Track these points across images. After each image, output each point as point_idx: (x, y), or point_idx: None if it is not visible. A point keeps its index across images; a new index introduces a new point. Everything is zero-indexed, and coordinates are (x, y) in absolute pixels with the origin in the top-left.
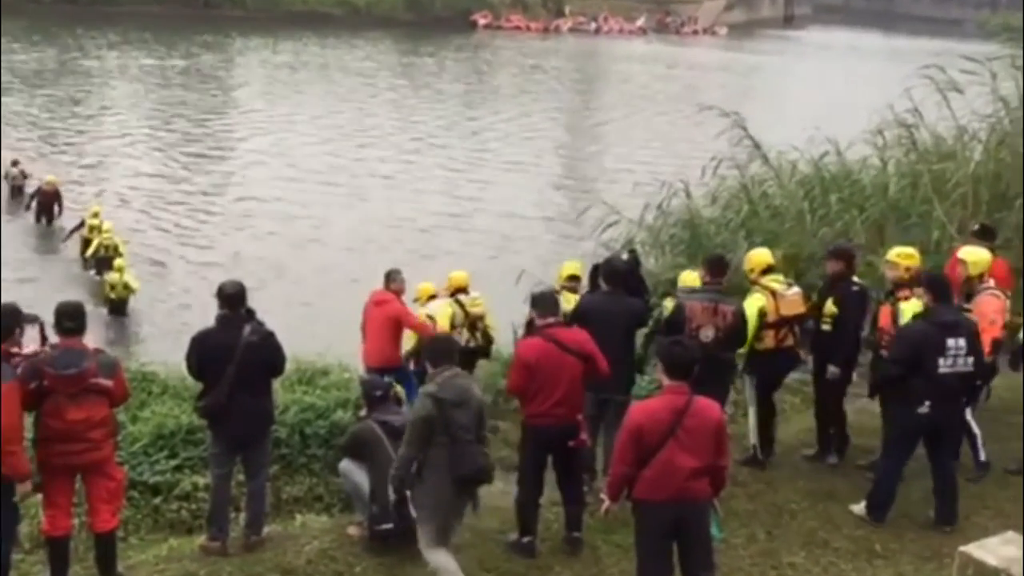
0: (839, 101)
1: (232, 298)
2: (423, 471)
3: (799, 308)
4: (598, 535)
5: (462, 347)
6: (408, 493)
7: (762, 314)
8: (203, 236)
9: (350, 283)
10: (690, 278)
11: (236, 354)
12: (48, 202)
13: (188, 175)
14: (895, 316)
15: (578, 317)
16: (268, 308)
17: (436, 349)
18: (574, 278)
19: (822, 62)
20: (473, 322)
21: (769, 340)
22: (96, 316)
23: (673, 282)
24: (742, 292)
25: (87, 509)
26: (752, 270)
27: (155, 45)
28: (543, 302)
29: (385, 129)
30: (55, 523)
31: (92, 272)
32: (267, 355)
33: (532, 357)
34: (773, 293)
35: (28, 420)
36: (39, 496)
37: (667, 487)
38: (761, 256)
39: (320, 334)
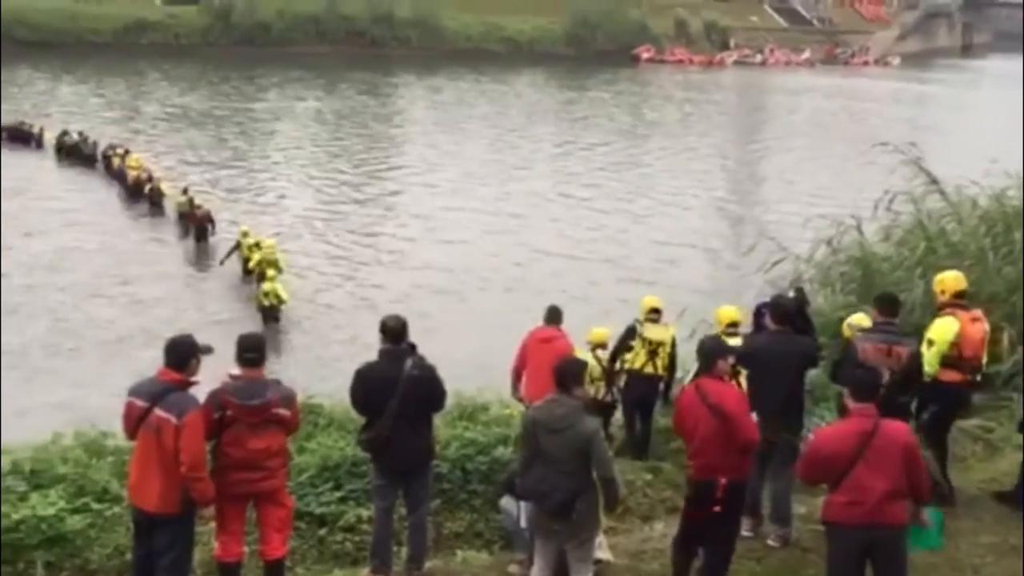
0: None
1: (394, 332)
2: None
3: None
4: None
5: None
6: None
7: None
8: (364, 269)
9: (508, 318)
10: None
11: (398, 388)
12: (201, 225)
13: (350, 210)
14: None
15: (744, 359)
16: (428, 342)
17: (555, 371)
18: (734, 324)
19: (1002, 92)
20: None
21: None
22: (254, 323)
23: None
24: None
25: (258, 537)
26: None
27: (322, 84)
28: (699, 354)
29: (545, 164)
30: (228, 549)
31: (253, 284)
32: (428, 389)
33: (678, 403)
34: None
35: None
36: (212, 523)
37: (860, 511)
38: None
39: (479, 369)
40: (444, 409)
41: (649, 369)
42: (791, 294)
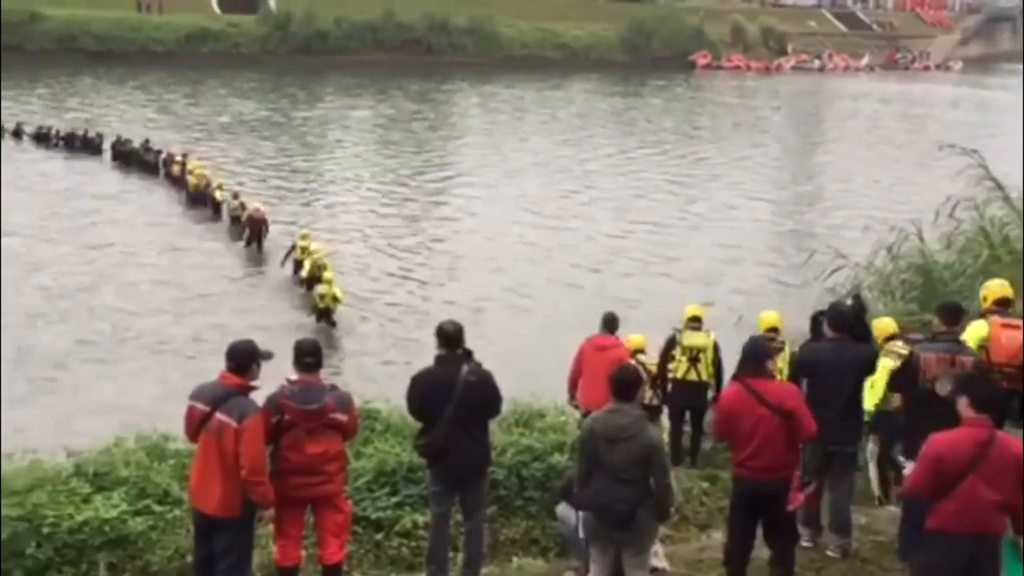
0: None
1: (451, 337)
2: None
3: None
4: None
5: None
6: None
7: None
8: (419, 274)
9: (560, 325)
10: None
11: (454, 393)
12: (256, 227)
13: (404, 215)
14: None
15: (803, 366)
16: (483, 348)
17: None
18: (774, 329)
19: None
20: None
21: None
22: (306, 326)
23: (904, 331)
24: None
25: (316, 541)
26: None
27: (378, 92)
28: (749, 352)
29: (598, 171)
30: (286, 553)
31: (304, 289)
32: (484, 395)
33: (726, 405)
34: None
35: None
36: (270, 527)
37: (969, 520)
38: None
39: (534, 376)
40: (500, 415)
41: (692, 376)
42: (849, 301)
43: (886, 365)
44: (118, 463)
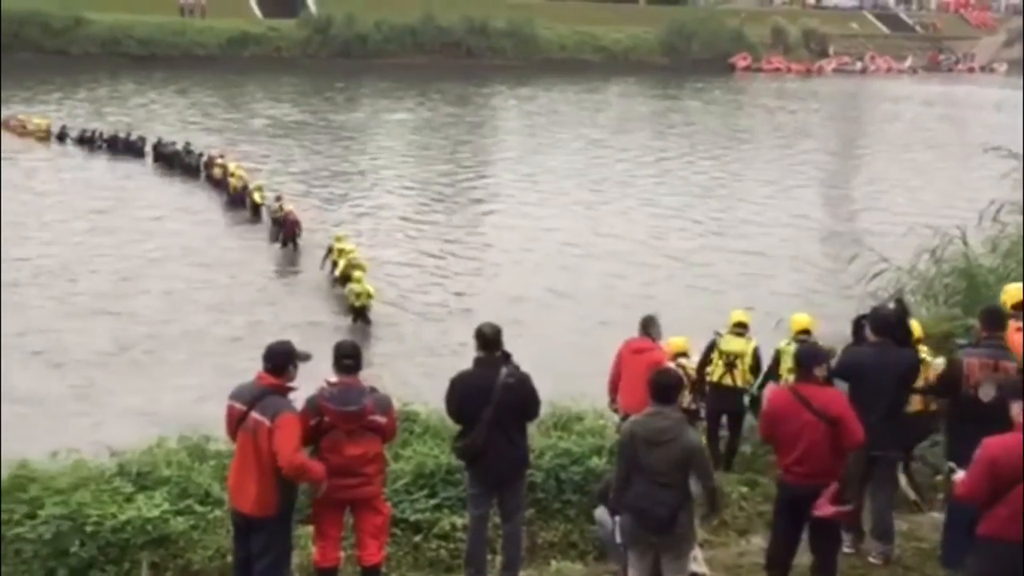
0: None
1: (489, 340)
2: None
3: None
4: None
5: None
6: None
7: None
8: (457, 276)
9: (599, 328)
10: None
11: (493, 396)
12: (290, 229)
13: (443, 218)
14: None
15: (844, 371)
16: (521, 350)
17: (651, 383)
18: (806, 332)
19: None
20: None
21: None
22: (344, 327)
23: (947, 335)
24: None
25: (355, 542)
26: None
27: (417, 94)
28: (801, 358)
29: (637, 174)
30: (325, 554)
31: (340, 288)
32: (523, 397)
33: (771, 409)
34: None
35: None
36: (309, 528)
37: (1022, 526)
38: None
39: (573, 378)
40: (538, 418)
41: (727, 381)
42: (892, 305)
43: None
44: (160, 463)
